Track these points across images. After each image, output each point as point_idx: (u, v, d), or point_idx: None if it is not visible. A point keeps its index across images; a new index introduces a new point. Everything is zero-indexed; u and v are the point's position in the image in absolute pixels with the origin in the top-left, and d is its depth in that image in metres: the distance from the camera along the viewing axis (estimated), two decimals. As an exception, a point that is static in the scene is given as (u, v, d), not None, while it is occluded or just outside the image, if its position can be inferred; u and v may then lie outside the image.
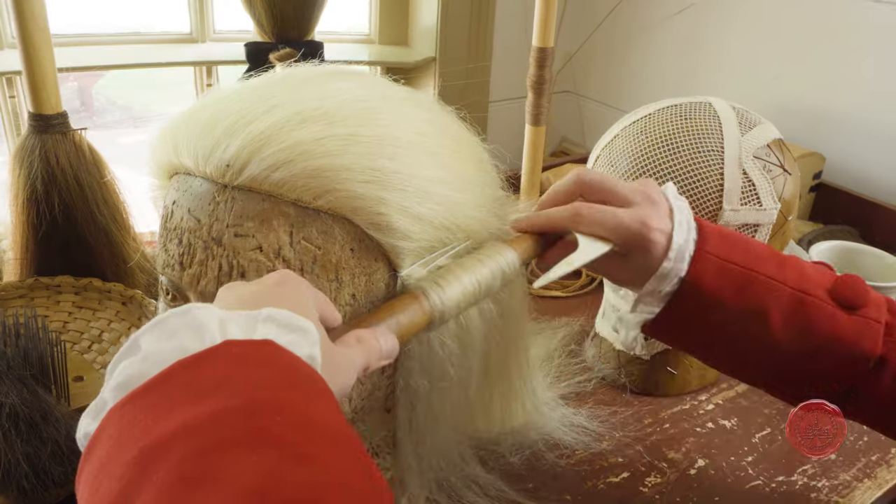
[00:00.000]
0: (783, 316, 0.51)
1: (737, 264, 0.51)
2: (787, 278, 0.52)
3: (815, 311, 0.51)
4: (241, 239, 0.44)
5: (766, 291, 0.51)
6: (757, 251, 0.53)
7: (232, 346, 0.32)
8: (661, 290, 0.52)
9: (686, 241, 0.51)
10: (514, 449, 0.68)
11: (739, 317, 0.51)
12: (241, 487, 0.26)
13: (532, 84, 0.93)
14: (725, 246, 0.52)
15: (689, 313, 0.52)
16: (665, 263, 0.51)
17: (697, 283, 0.51)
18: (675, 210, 0.52)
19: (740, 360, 0.55)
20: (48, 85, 0.72)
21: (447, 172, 0.48)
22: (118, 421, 0.29)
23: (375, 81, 0.52)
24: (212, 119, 0.45)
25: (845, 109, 1.28)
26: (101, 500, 0.27)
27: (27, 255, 0.77)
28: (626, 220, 0.51)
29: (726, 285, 0.51)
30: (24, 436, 0.52)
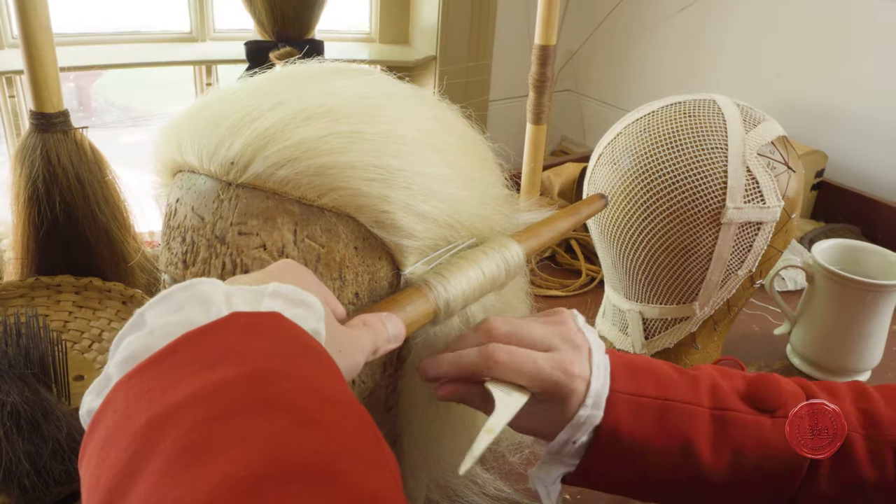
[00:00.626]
0: (709, 441, 0.47)
1: (650, 396, 0.48)
2: (703, 398, 0.48)
3: (737, 426, 0.48)
4: (245, 237, 0.44)
5: (685, 419, 0.47)
6: (667, 376, 0.50)
7: (239, 317, 0.32)
8: (576, 439, 0.48)
9: (603, 386, 0.47)
10: (514, 448, 0.68)
11: (663, 453, 0.47)
12: (252, 451, 0.26)
13: (533, 82, 0.93)
14: (635, 379, 0.49)
15: (610, 462, 0.48)
16: (581, 411, 0.47)
17: (613, 428, 0.47)
18: (595, 352, 0.49)
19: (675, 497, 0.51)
20: (50, 83, 0.72)
21: (452, 170, 0.48)
22: (125, 394, 0.29)
23: (380, 79, 0.52)
24: (216, 116, 0.45)
25: (847, 107, 1.28)
26: (108, 471, 0.27)
27: (28, 254, 0.76)
28: (547, 369, 0.46)
29: (643, 423, 0.47)
30: (25, 434, 0.52)
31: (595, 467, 0.49)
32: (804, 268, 0.82)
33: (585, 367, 0.47)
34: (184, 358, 0.29)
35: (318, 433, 0.28)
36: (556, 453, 0.49)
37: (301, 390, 0.29)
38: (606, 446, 0.47)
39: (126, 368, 0.30)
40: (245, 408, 0.27)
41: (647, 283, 0.74)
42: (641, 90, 1.64)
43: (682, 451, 0.47)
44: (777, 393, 0.49)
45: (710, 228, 0.67)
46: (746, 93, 1.41)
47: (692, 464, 0.47)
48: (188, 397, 0.27)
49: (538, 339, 0.48)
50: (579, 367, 0.47)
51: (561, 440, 0.48)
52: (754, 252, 0.70)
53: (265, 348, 0.30)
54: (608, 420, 0.47)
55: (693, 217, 0.67)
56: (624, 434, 0.47)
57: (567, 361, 0.47)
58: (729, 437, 0.48)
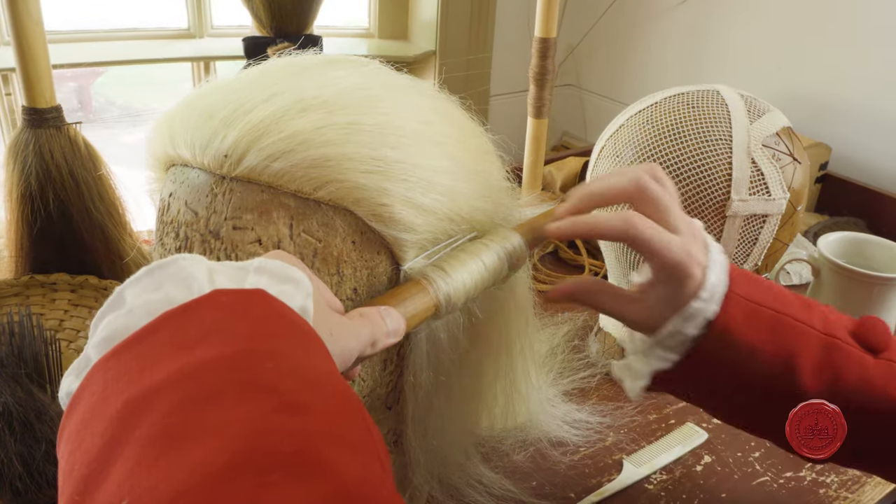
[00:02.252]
0: (813, 362, 0.48)
1: (767, 307, 0.48)
2: (815, 321, 0.49)
3: (843, 355, 0.48)
4: (240, 232, 0.43)
5: (796, 336, 0.48)
6: (783, 293, 0.50)
7: (220, 295, 0.30)
8: (685, 331, 0.48)
9: (720, 282, 0.48)
10: (518, 446, 0.67)
11: (768, 364, 0.48)
12: (229, 438, 0.24)
13: (534, 76, 0.92)
14: (754, 288, 0.49)
15: (714, 361, 0.48)
16: (694, 303, 0.47)
17: (727, 327, 0.47)
18: (712, 247, 0.49)
19: (762, 414, 0.51)
20: (42, 78, 0.71)
21: (451, 162, 0.47)
22: (102, 376, 0.28)
23: (377, 69, 0.51)
24: (209, 108, 0.44)
25: (851, 99, 1.27)
26: (83, 457, 0.26)
27: (22, 252, 0.76)
28: (675, 247, 0.47)
29: (757, 330, 0.48)
30: (17, 435, 0.51)
31: (694, 364, 0.49)
32: (810, 261, 0.81)
33: (703, 257, 0.48)
34: (162, 338, 0.28)
35: (299, 417, 0.26)
36: (658, 344, 0.49)
37: (283, 371, 0.28)
38: (715, 343, 0.48)
39: (105, 349, 0.29)
40: (223, 391, 0.26)
41: (651, 278, 0.73)
42: (643, 84, 1.63)
43: (786, 365, 0.48)
44: (884, 335, 0.49)
45: (714, 221, 0.66)
46: (749, 85, 1.39)
47: (791, 380, 0.48)
48: (165, 380, 0.26)
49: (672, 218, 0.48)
50: (698, 253, 0.48)
51: (669, 330, 0.48)
52: (760, 245, 0.69)
53: (247, 328, 0.29)
54: (723, 318, 0.47)
55: (697, 210, 0.66)
56: (735, 335, 0.47)
57: (690, 244, 0.48)
58: (833, 363, 0.48)
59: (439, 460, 0.57)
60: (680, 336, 0.48)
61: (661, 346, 0.49)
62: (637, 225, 0.47)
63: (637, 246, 0.47)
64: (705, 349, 0.48)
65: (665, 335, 0.49)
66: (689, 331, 0.48)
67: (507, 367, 0.59)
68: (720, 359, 0.48)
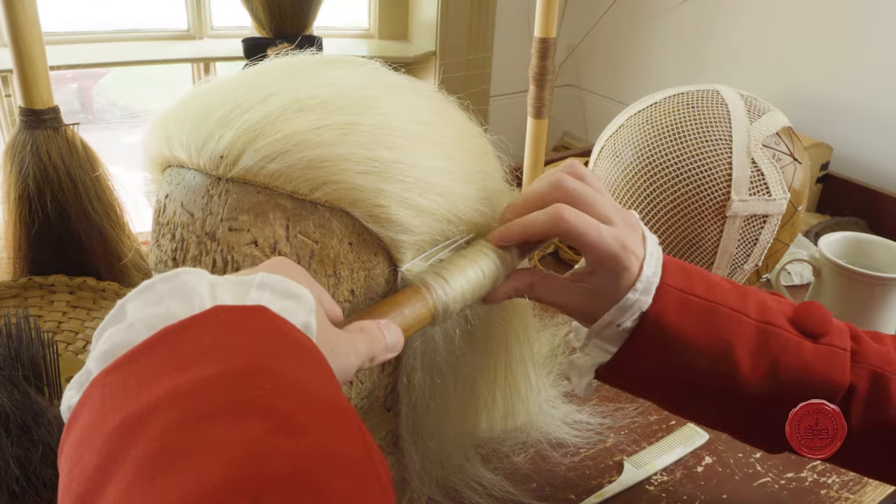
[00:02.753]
0: (749, 351, 0.48)
1: (699, 297, 0.48)
2: (750, 309, 0.49)
3: (780, 342, 0.48)
4: (236, 233, 0.43)
5: (730, 325, 0.48)
6: (718, 283, 0.50)
7: (221, 311, 0.30)
8: (620, 323, 0.48)
9: (654, 274, 0.48)
10: (518, 448, 0.67)
11: (703, 355, 0.48)
12: (224, 459, 0.24)
13: (534, 76, 0.91)
14: (687, 278, 0.49)
15: (650, 353, 0.49)
16: (630, 294, 0.47)
17: (660, 318, 0.47)
18: (648, 239, 0.49)
19: (704, 404, 0.51)
20: (39, 79, 0.71)
21: (449, 163, 0.47)
22: (101, 391, 0.28)
23: (375, 70, 0.51)
24: (205, 109, 0.44)
25: (852, 99, 1.27)
26: (80, 475, 0.26)
27: (20, 253, 0.75)
28: (608, 238, 0.47)
29: (689, 320, 0.48)
30: (14, 438, 0.51)
31: (631, 356, 0.49)
32: (811, 261, 0.80)
33: (639, 247, 0.48)
34: (161, 354, 0.28)
35: (296, 439, 0.26)
36: (596, 335, 0.50)
37: (282, 392, 0.27)
38: (649, 334, 0.48)
39: (105, 363, 0.29)
40: (220, 411, 0.26)
41: (651, 279, 0.72)
42: (644, 84, 1.63)
43: (722, 355, 0.47)
44: (824, 321, 0.49)
45: (714, 222, 0.66)
46: (750, 85, 1.39)
47: (728, 371, 0.47)
48: (162, 398, 0.26)
49: (600, 209, 0.48)
50: (633, 243, 0.48)
51: (606, 321, 0.48)
52: (760, 245, 0.68)
53: (246, 346, 0.29)
54: (655, 309, 0.47)
55: (697, 210, 0.66)
56: (668, 326, 0.47)
57: (625, 236, 0.48)
58: (769, 351, 0.48)
59: (439, 462, 0.57)
60: (616, 328, 0.48)
61: (599, 337, 0.50)
62: (565, 217, 0.47)
63: (569, 238, 0.47)
64: (640, 341, 0.48)
65: (602, 326, 0.49)
66: (626, 322, 0.48)
67: (506, 368, 0.59)
68: (656, 350, 0.48)
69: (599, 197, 0.49)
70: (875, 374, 0.47)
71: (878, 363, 0.48)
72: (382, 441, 0.55)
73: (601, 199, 0.49)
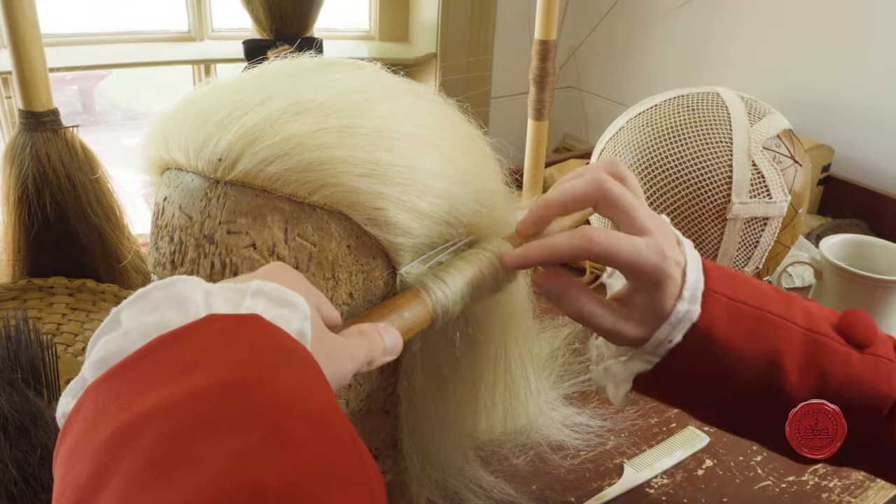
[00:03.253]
0: (797, 361, 0.45)
1: (747, 304, 0.46)
2: (797, 317, 0.46)
3: (828, 352, 0.46)
4: (234, 236, 0.42)
5: (778, 333, 0.46)
6: (762, 288, 0.48)
7: (215, 321, 0.30)
8: (672, 338, 0.45)
9: (698, 279, 0.46)
10: (518, 450, 0.67)
11: (751, 365, 0.45)
12: (216, 472, 0.24)
13: (534, 78, 0.91)
14: (732, 284, 0.47)
15: (696, 363, 0.46)
16: (679, 305, 0.45)
17: (709, 328, 0.45)
18: (684, 243, 0.47)
19: (747, 415, 0.48)
20: (38, 81, 0.71)
21: (448, 165, 0.46)
22: (94, 400, 0.27)
23: (374, 72, 0.51)
24: (203, 112, 0.44)
25: (853, 101, 1.26)
26: (72, 484, 0.26)
27: (19, 255, 0.75)
28: (644, 251, 0.44)
29: (739, 329, 0.45)
30: (13, 440, 0.51)
31: (676, 367, 0.46)
32: (812, 264, 0.80)
33: (678, 253, 0.46)
34: (154, 364, 0.28)
35: (288, 451, 0.26)
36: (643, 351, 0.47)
37: (274, 403, 0.27)
38: (698, 345, 0.45)
39: (99, 371, 0.29)
40: (212, 423, 0.26)
41: (651, 281, 0.72)
42: (645, 86, 1.63)
43: (770, 365, 0.45)
44: (869, 330, 0.47)
45: (715, 224, 0.66)
46: (751, 87, 1.39)
47: (776, 381, 0.45)
48: (154, 409, 0.26)
49: (638, 217, 0.46)
50: (672, 250, 0.45)
51: (658, 339, 0.45)
52: (761, 248, 0.68)
53: (240, 355, 0.29)
54: (704, 318, 0.45)
55: (698, 213, 0.66)
56: (718, 336, 0.45)
57: (664, 244, 0.45)
58: (818, 360, 0.46)
59: (438, 464, 0.57)
60: (669, 344, 0.46)
61: (645, 352, 0.47)
62: (596, 238, 0.44)
63: (603, 260, 0.45)
64: (688, 351, 0.46)
65: (653, 346, 0.46)
66: (678, 337, 0.45)
67: (505, 371, 0.58)
68: (703, 361, 0.46)
69: (639, 203, 0.47)
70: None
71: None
72: (381, 443, 0.54)
73: (640, 205, 0.46)
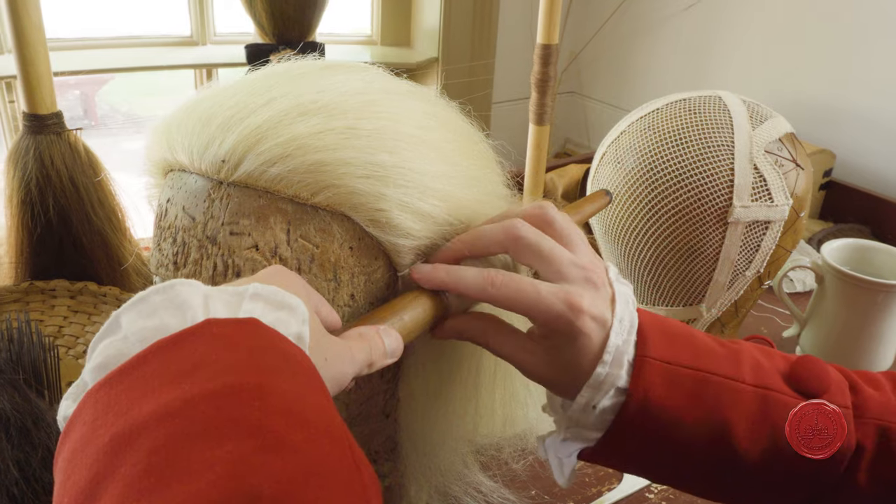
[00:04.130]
0: (747, 421, 0.43)
1: (688, 366, 0.43)
2: (745, 374, 0.44)
3: (780, 408, 0.43)
4: (237, 237, 0.43)
5: (725, 395, 0.43)
6: (706, 346, 0.45)
7: (213, 325, 0.30)
8: (597, 404, 0.43)
9: (625, 343, 0.43)
10: (517, 455, 0.67)
11: (698, 431, 0.43)
12: (209, 480, 0.24)
13: (536, 82, 0.91)
14: (670, 345, 0.43)
15: (638, 436, 0.43)
16: (599, 368, 0.42)
17: (645, 398, 0.42)
18: (618, 300, 0.44)
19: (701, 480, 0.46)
20: (43, 84, 0.71)
21: (450, 167, 0.46)
22: (93, 405, 0.27)
23: (376, 75, 0.51)
24: (207, 114, 0.44)
25: (856, 106, 1.27)
26: (71, 489, 0.26)
27: (22, 258, 0.76)
28: (549, 298, 0.42)
29: (678, 395, 0.42)
30: (14, 441, 0.50)
31: (619, 441, 0.44)
32: (813, 268, 0.80)
33: (602, 309, 0.43)
34: (151, 370, 0.28)
35: (283, 458, 0.26)
36: (575, 423, 0.44)
37: (271, 409, 0.27)
38: (635, 417, 0.42)
39: (99, 376, 0.29)
40: (208, 430, 0.26)
41: (653, 285, 0.72)
42: (646, 91, 1.63)
43: (718, 429, 0.43)
44: (822, 378, 0.45)
45: (716, 228, 0.66)
46: (754, 92, 1.39)
47: (727, 445, 0.43)
48: (150, 415, 0.26)
49: (555, 264, 0.43)
50: (590, 303, 0.42)
51: (580, 403, 0.43)
52: (762, 252, 0.68)
53: (237, 361, 0.28)
54: (638, 388, 0.42)
55: (699, 216, 0.66)
56: (655, 406, 0.42)
57: (575, 294, 0.42)
58: (769, 418, 0.43)
59: (437, 468, 0.56)
60: (593, 409, 0.43)
61: (579, 424, 0.44)
62: (496, 280, 0.42)
63: (504, 305, 0.43)
64: (626, 423, 0.43)
65: (578, 411, 0.43)
66: (602, 401, 0.43)
67: (505, 375, 0.58)
68: (645, 432, 0.43)
69: (556, 249, 0.44)
70: (880, 427, 0.44)
71: (881, 414, 0.44)
72: (381, 447, 0.54)
73: (557, 252, 0.44)
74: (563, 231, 0.45)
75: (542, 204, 0.46)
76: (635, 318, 0.44)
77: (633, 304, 0.45)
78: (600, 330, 0.42)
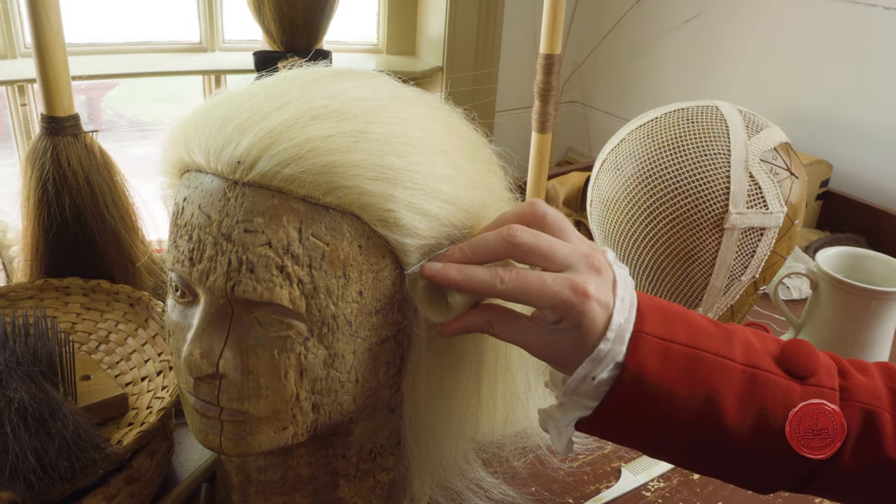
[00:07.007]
0: (736, 398, 0.45)
1: (681, 343, 0.46)
2: (735, 353, 0.46)
3: (768, 387, 0.46)
4: (251, 235, 0.44)
5: (715, 372, 0.45)
6: (700, 326, 0.47)
7: None
8: (595, 376, 0.45)
9: (626, 321, 0.45)
10: (518, 452, 0.68)
11: (688, 405, 0.45)
12: None
13: (539, 91, 0.93)
14: (666, 323, 0.46)
15: (632, 406, 0.46)
16: (602, 345, 0.44)
17: (640, 369, 0.45)
18: (619, 283, 0.46)
19: (692, 453, 0.48)
20: (61, 87, 0.73)
21: (455, 171, 0.48)
22: None
23: (385, 81, 0.53)
24: (223, 116, 0.46)
25: (853, 117, 1.28)
26: None
27: (37, 256, 0.77)
28: (555, 287, 0.44)
29: (671, 370, 0.45)
30: (31, 430, 0.52)
31: (614, 410, 0.46)
32: (808, 275, 0.82)
33: (606, 293, 0.45)
34: None
35: None
36: (573, 391, 0.46)
37: None
38: (629, 388, 0.45)
39: None
40: None
41: (651, 289, 0.74)
42: (647, 101, 1.65)
43: (707, 404, 0.45)
44: (811, 360, 0.47)
45: (713, 234, 0.68)
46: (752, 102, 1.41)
47: (715, 419, 0.45)
48: None
49: (557, 258, 0.46)
50: (596, 289, 0.45)
51: (580, 374, 0.45)
52: (757, 258, 0.70)
53: None
54: (633, 361, 0.44)
55: (696, 222, 0.68)
56: (649, 378, 0.45)
57: (581, 281, 0.44)
58: (757, 396, 0.46)
59: (440, 464, 0.58)
60: (592, 381, 0.46)
61: (577, 393, 0.47)
62: (505, 279, 0.45)
63: (514, 299, 0.45)
64: (621, 393, 0.45)
65: (577, 381, 0.46)
66: (601, 374, 0.45)
67: (506, 372, 0.60)
68: (638, 403, 0.46)
69: (556, 244, 0.46)
70: (865, 410, 0.45)
71: (867, 398, 0.46)
72: (386, 441, 0.56)
73: (557, 246, 0.46)
74: (556, 224, 0.48)
75: (532, 201, 0.49)
76: (635, 298, 0.47)
77: (632, 284, 0.48)
78: (604, 312, 0.45)
